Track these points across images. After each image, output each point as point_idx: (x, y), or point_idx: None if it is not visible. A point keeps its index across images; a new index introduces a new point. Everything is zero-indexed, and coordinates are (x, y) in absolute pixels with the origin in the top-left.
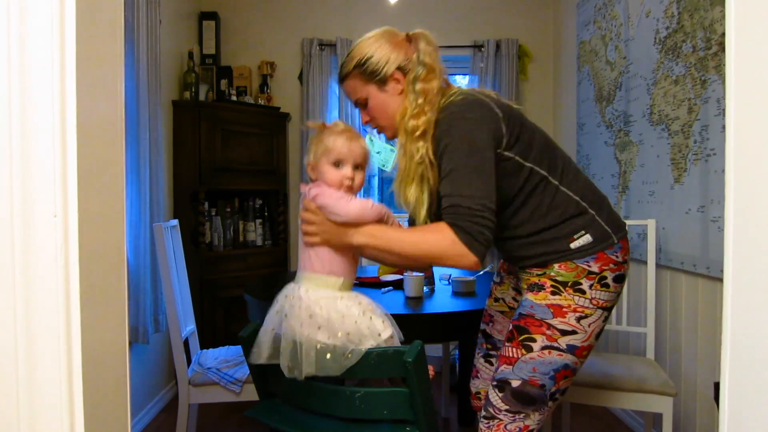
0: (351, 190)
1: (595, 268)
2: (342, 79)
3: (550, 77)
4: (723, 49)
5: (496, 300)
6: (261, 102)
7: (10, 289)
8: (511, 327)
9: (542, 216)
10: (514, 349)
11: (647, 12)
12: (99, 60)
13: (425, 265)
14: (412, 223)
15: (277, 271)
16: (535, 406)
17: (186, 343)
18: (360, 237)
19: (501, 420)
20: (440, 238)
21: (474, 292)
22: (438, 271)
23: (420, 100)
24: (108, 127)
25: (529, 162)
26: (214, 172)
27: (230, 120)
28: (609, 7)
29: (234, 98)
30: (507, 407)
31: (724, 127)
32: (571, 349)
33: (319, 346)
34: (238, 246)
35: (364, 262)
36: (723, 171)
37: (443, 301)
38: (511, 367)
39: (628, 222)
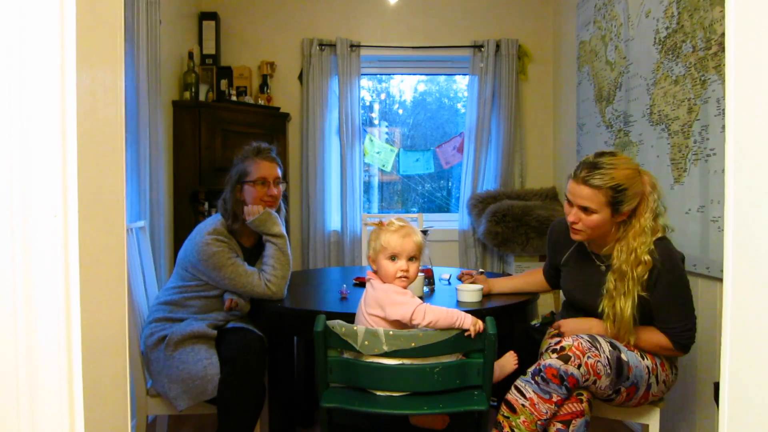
0: (407, 280)
1: None
2: (585, 181)
3: (550, 77)
4: (723, 49)
5: None
6: (261, 102)
7: (10, 289)
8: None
9: None
10: None
11: (647, 12)
12: (99, 60)
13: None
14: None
15: None
16: None
17: None
18: (601, 330)
19: None
20: (667, 349)
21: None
22: (438, 271)
23: (645, 245)
24: (108, 127)
25: None
26: (214, 172)
27: (230, 120)
28: (609, 7)
29: (234, 98)
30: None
31: (724, 127)
32: None
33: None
34: None
35: (363, 262)
36: (723, 171)
37: (443, 301)
38: None
39: None
